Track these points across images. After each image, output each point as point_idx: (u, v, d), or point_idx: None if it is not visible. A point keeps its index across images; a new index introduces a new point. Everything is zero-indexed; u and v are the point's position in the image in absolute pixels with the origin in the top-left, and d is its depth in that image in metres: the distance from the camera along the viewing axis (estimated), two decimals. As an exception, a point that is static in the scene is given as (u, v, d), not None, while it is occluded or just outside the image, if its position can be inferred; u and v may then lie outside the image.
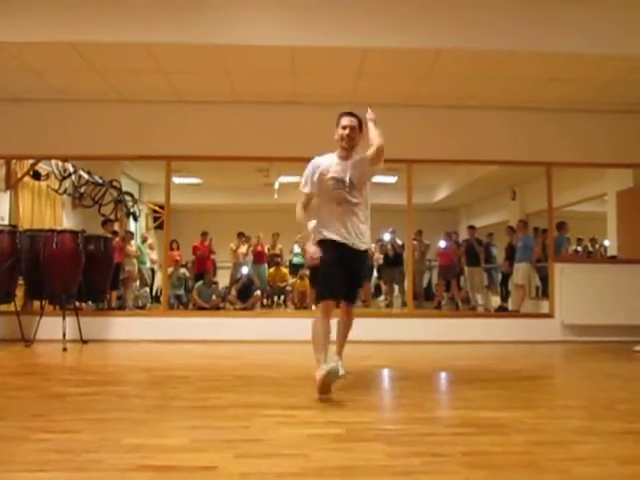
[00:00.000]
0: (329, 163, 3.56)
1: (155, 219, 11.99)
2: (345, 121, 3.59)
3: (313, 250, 3.40)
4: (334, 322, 3.56)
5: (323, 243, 3.49)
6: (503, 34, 5.02)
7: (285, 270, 10.28)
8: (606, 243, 9.02)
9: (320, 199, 3.58)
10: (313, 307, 3.41)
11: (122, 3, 4.91)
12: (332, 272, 3.41)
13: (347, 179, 3.50)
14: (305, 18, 5.03)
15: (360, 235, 3.55)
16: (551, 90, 5.97)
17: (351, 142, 3.55)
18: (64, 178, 8.06)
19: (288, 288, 10.04)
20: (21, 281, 5.91)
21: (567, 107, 6.45)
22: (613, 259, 7.41)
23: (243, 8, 5.00)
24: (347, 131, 3.54)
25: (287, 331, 4.71)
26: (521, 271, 7.86)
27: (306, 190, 3.56)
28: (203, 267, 9.58)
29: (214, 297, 8.68)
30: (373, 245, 10.93)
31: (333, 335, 3.54)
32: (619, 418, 2.81)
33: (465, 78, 5.72)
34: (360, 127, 3.61)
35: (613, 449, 2.27)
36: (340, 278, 3.43)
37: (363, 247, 3.58)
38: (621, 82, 5.71)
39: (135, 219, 10.00)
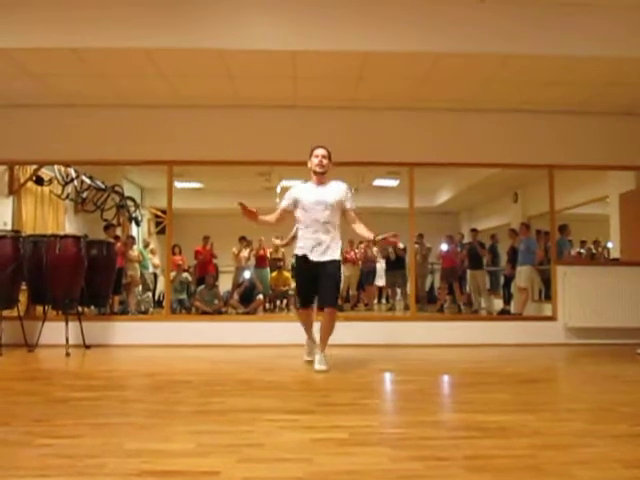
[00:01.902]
0: (306, 190, 4.37)
1: (157, 224, 12.02)
2: (318, 151, 4.38)
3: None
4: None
5: (296, 257, 4.40)
6: (503, 37, 5.02)
7: (287, 274, 10.29)
8: (609, 245, 9.00)
9: (299, 222, 4.39)
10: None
11: (123, 8, 4.93)
12: (303, 285, 4.42)
13: (320, 202, 4.29)
14: (306, 23, 5.04)
15: (327, 249, 4.27)
16: (552, 92, 5.97)
17: (323, 167, 4.34)
18: (66, 183, 8.09)
19: (290, 292, 10.04)
20: (24, 286, 5.92)
21: (569, 109, 6.45)
22: (616, 261, 7.39)
23: (244, 13, 5.01)
24: (319, 158, 4.35)
25: (290, 335, 4.72)
26: (524, 274, 7.84)
27: (282, 205, 4.45)
28: (205, 271, 9.59)
29: (216, 301, 8.68)
30: (375, 248, 10.96)
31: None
32: (623, 421, 2.80)
33: (466, 81, 5.72)
34: (330, 156, 4.41)
35: (617, 452, 2.26)
36: (310, 286, 4.32)
37: (328, 258, 4.27)
38: (622, 84, 5.71)
39: (137, 224, 10.03)
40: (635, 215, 7.19)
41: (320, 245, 4.26)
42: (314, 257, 4.27)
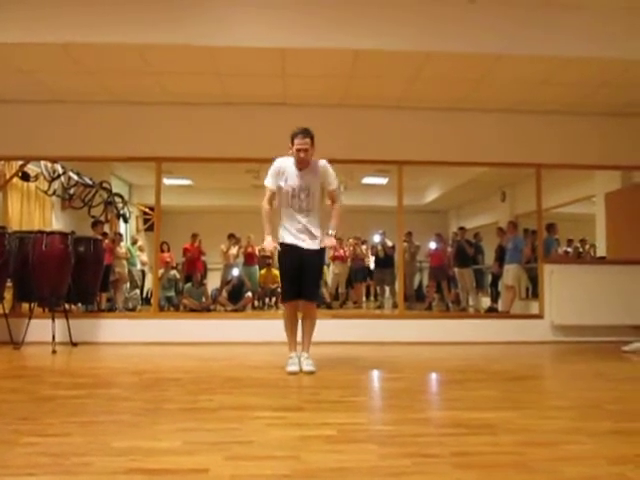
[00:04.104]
0: (290, 171, 4.05)
1: (145, 221, 11.96)
2: (299, 144, 3.97)
3: (268, 243, 4.08)
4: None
5: (282, 245, 4.13)
6: (494, 37, 5.05)
7: (276, 271, 10.25)
8: (597, 244, 9.07)
9: (280, 204, 4.13)
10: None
11: (113, 4, 4.89)
12: (290, 275, 4.11)
13: (304, 188, 4.04)
14: (295, 20, 5.04)
15: (313, 237, 4.10)
16: (541, 92, 6.01)
17: (304, 162, 4.01)
18: (53, 179, 8.01)
19: (279, 289, 10.01)
20: (10, 283, 5.86)
21: (556, 109, 6.50)
22: (602, 260, 7.46)
23: (233, 10, 5.00)
24: (302, 154, 3.98)
25: (278, 332, 4.73)
26: (511, 272, 7.90)
27: (270, 186, 4.10)
28: (193, 269, 9.56)
29: (204, 299, 8.67)
30: (364, 246, 10.99)
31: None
32: (608, 418, 2.83)
33: (455, 80, 5.74)
34: (312, 143, 4.02)
35: (603, 449, 2.28)
36: (296, 278, 4.09)
37: (315, 247, 4.11)
38: (610, 85, 5.76)
39: (125, 221, 9.96)
40: (620, 214, 7.26)
41: (304, 233, 4.07)
42: (303, 244, 4.07)
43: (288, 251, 4.10)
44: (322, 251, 4.20)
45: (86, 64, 5.34)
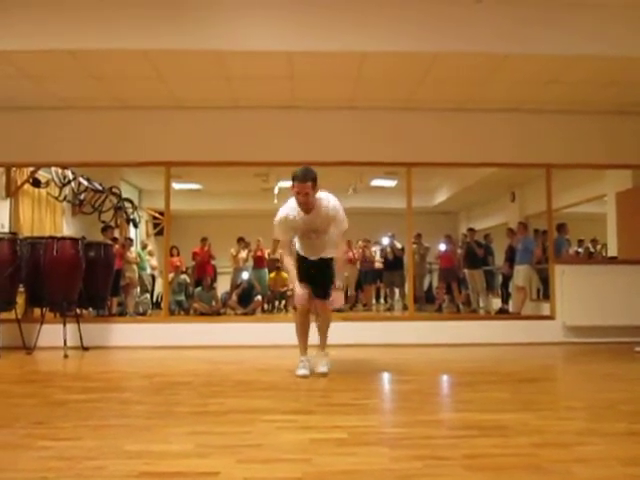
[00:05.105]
0: (296, 219, 3.97)
1: (155, 225, 12.02)
2: (298, 188, 3.81)
3: (301, 294, 4.01)
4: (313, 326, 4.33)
5: (298, 256, 4.23)
6: (501, 36, 5.03)
7: (286, 275, 10.27)
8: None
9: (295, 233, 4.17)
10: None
11: (120, 10, 4.92)
12: (302, 275, 4.12)
13: (313, 230, 4.03)
14: (303, 23, 5.04)
15: (323, 254, 4.17)
16: (550, 92, 5.98)
17: (308, 205, 3.89)
18: (64, 185, 8.08)
19: (289, 293, 10.03)
20: (22, 288, 5.91)
21: (566, 108, 6.46)
22: (613, 260, 7.40)
23: (241, 14, 5.01)
24: (301, 198, 3.84)
25: (288, 336, 4.73)
26: (522, 273, 7.85)
27: (283, 238, 4.08)
28: (203, 273, 9.59)
29: (214, 302, 8.70)
30: (374, 249, 10.99)
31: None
32: (622, 419, 2.81)
33: (463, 81, 5.73)
34: (314, 185, 3.84)
35: (616, 450, 2.27)
36: (309, 278, 4.13)
37: (325, 256, 4.18)
38: (620, 83, 5.72)
39: (135, 225, 10.02)
40: (632, 213, 7.20)
41: (315, 252, 4.19)
42: (312, 258, 4.21)
43: (300, 259, 4.23)
44: (331, 259, 4.29)
45: (95, 70, 5.38)
